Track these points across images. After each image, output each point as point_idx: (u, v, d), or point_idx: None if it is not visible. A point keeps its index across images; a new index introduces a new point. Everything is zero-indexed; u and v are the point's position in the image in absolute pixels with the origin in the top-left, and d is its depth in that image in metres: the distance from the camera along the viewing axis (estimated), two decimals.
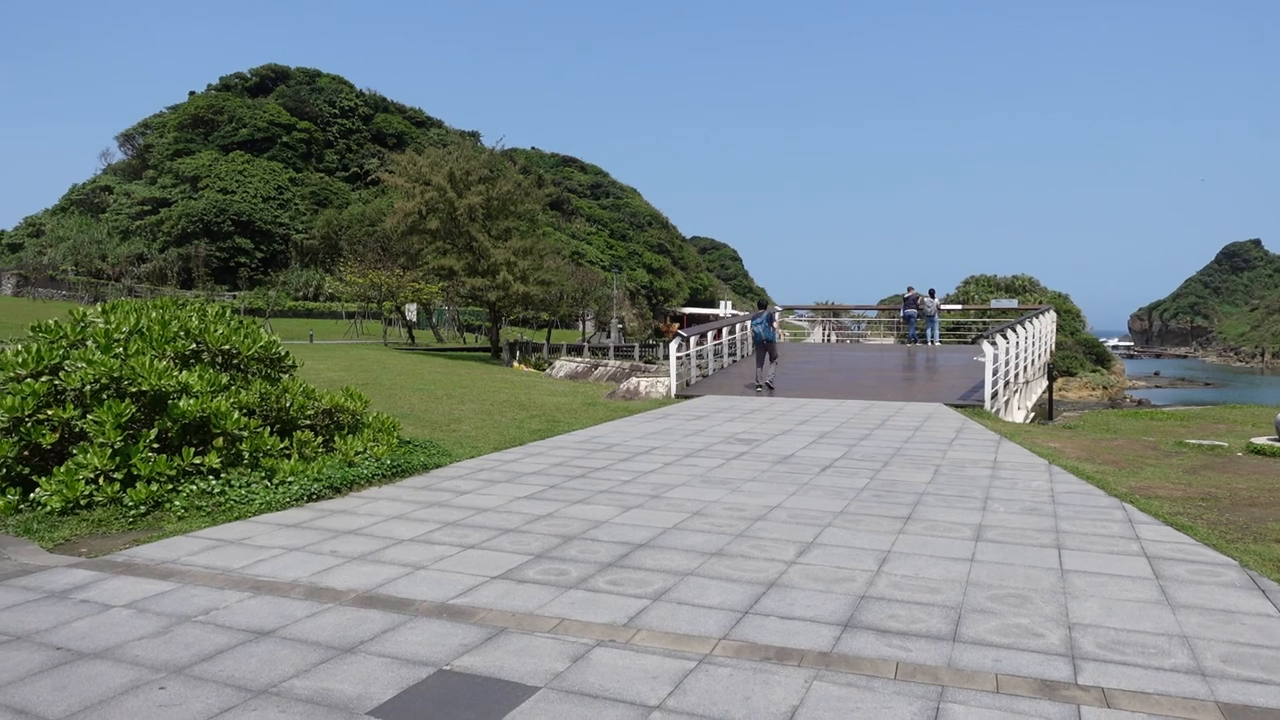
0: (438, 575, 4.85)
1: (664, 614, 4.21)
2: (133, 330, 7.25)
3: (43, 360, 6.72)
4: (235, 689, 3.39)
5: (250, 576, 4.84)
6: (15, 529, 5.83)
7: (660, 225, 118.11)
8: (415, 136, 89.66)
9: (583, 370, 23.94)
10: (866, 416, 12.43)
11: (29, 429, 6.35)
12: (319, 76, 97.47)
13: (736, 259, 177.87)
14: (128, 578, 4.83)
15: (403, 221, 37.20)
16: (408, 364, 24.52)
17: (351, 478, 7.17)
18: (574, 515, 6.30)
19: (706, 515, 6.29)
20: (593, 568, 4.97)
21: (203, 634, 3.98)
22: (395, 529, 5.89)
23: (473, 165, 37.12)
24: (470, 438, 10.12)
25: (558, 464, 8.45)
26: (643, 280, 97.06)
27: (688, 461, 8.60)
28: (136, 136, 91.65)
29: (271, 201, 78.46)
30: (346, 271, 47.29)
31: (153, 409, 6.73)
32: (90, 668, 3.59)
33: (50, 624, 4.10)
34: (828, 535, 5.71)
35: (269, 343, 8.06)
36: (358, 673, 3.53)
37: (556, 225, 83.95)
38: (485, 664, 3.61)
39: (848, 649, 3.76)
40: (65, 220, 79.53)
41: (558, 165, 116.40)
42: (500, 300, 37.57)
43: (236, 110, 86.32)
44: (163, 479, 6.36)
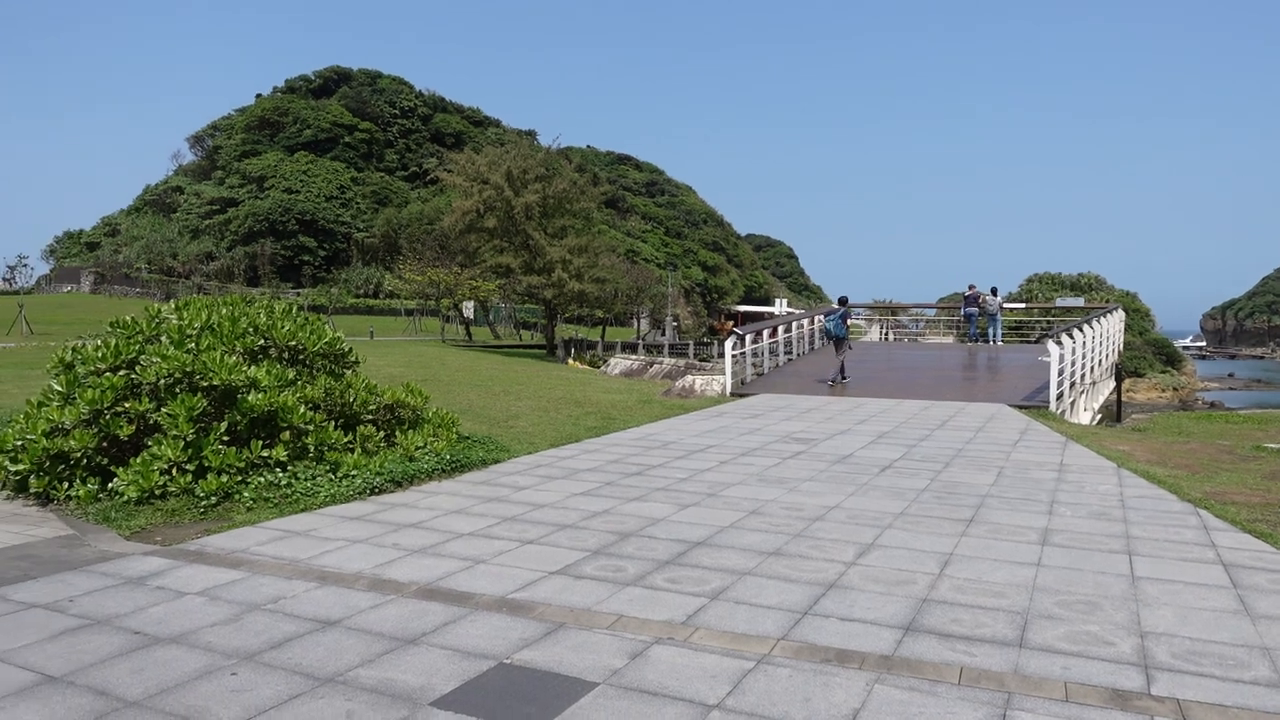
0: (497, 570, 4.91)
1: (722, 613, 4.20)
2: (204, 326, 7.48)
3: (120, 355, 6.97)
4: (303, 676, 3.47)
5: (316, 567, 4.96)
6: (95, 517, 6.06)
7: (715, 223, 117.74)
8: (473, 136, 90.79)
9: (638, 368, 23.98)
10: (926, 417, 12.22)
11: (108, 421, 6.60)
12: (380, 78, 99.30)
13: (792, 257, 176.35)
14: (200, 566, 4.98)
15: (461, 220, 37.69)
16: (465, 360, 24.85)
17: (412, 472, 7.29)
18: (630, 512, 6.31)
19: (763, 514, 6.25)
20: (650, 565, 4.98)
21: (271, 622, 4.08)
22: (455, 523, 5.98)
23: (529, 164, 37.43)
24: (527, 434, 10.21)
25: (613, 461, 8.48)
26: (697, 278, 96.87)
27: (744, 460, 8.55)
28: (206, 138, 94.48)
29: (334, 201, 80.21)
30: (406, 269, 48.12)
31: (223, 403, 6.93)
32: (166, 652, 3.72)
33: (128, 609, 4.25)
34: (888, 537, 5.63)
35: (333, 339, 8.24)
36: (420, 664, 3.59)
37: (611, 223, 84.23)
38: (544, 658, 3.64)
39: (910, 652, 3.71)
40: (139, 220, 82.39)
41: (613, 163, 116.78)
42: (556, 298, 37.83)
43: (301, 112, 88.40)
44: (232, 471, 6.55)
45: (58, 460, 6.59)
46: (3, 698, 3.26)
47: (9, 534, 5.68)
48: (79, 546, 5.41)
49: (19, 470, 6.58)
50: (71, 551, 5.30)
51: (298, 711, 3.16)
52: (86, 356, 7.04)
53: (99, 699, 3.26)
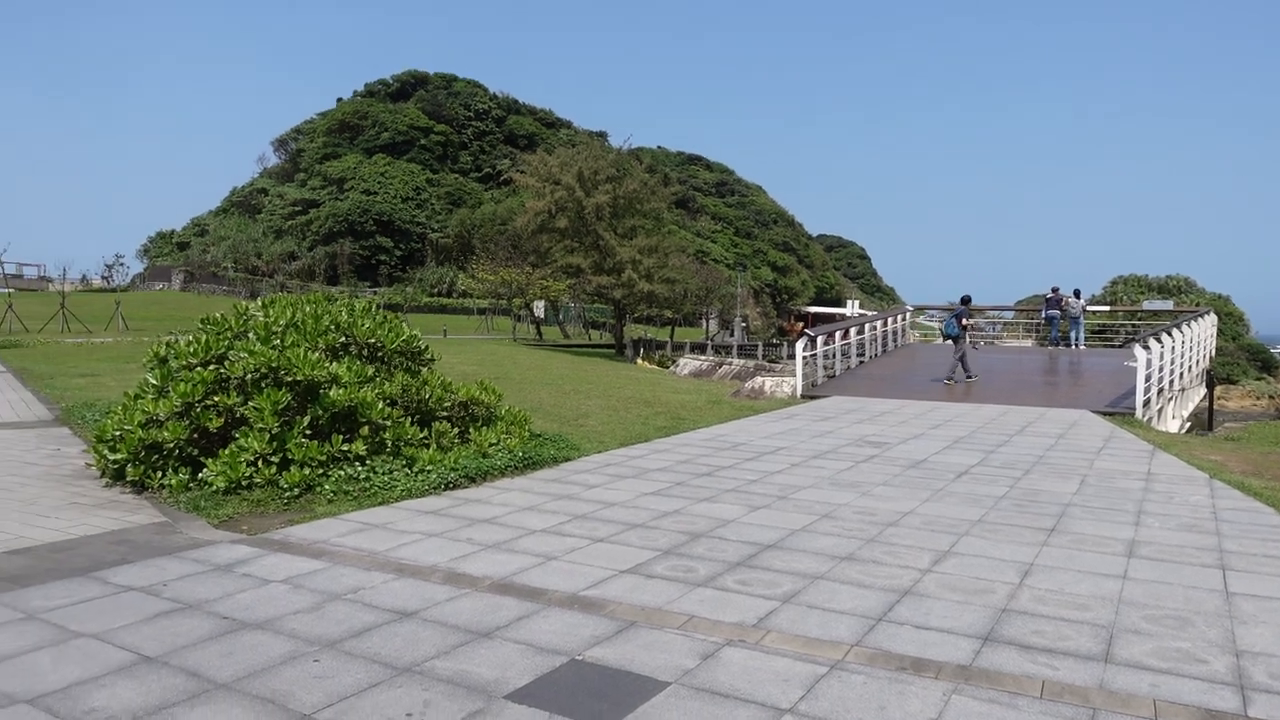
0: (568, 566, 4.96)
1: (794, 617, 4.16)
2: (289, 324, 7.73)
3: (210, 350, 7.25)
4: (382, 665, 3.56)
5: (394, 559, 5.08)
6: (186, 505, 6.32)
7: (786, 223, 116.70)
8: (545, 137, 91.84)
9: (707, 368, 23.91)
10: (1004, 422, 11.90)
11: (198, 413, 6.87)
12: (455, 81, 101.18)
13: (864, 257, 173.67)
14: (284, 555, 5.15)
15: (533, 220, 38.16)
16: (536, 359, 25.15)
17: (485, 468, 7.41)
18: (701, 513, 6.30)
19: (836, 518, 6.17)
20: (721, 566, 4.97)
21: (351, 612, 4.20)
22: (527, 520, 6.05)
23: (601, 165, 37.68)
24: (597, 433, 10.28)
25: (683, 461, 8.48)
26: (767, 279, 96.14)
27: (815, 463, 8.46)
28: (289, 141, 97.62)
29: (410, 202, 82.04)
30: (478, 269, 48.95)
31: (305, 398, 7.15)
32: (253, 637, 3.86)
33: (217, 595, 4.42)
34: (964, 544, 5.50)
35: (410, 337, 8.43)
36: (494, 657, 3.65)
37: (681, 224, 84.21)
38: (616, 656, 3.66)
39: (988, 663, 3.62)
40: (226, 220, 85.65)
41: (683, 163, 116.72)
42: (625, 298, 38.01)
43: (379, 115, 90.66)
44: (314, 464, 6.76)
45: (152, 450, 6.89)
46: (104, 675, 3.42)
47: (108, 519, 5.97)
48: (171, 533, 5.65)
49: (117, 459, 6.91)
50: (164, 538, 5.54)
51: (377, 699, 3.24)
52: (179, 351, 7.35)
53: (191, 680, 3.40)
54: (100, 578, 4.67)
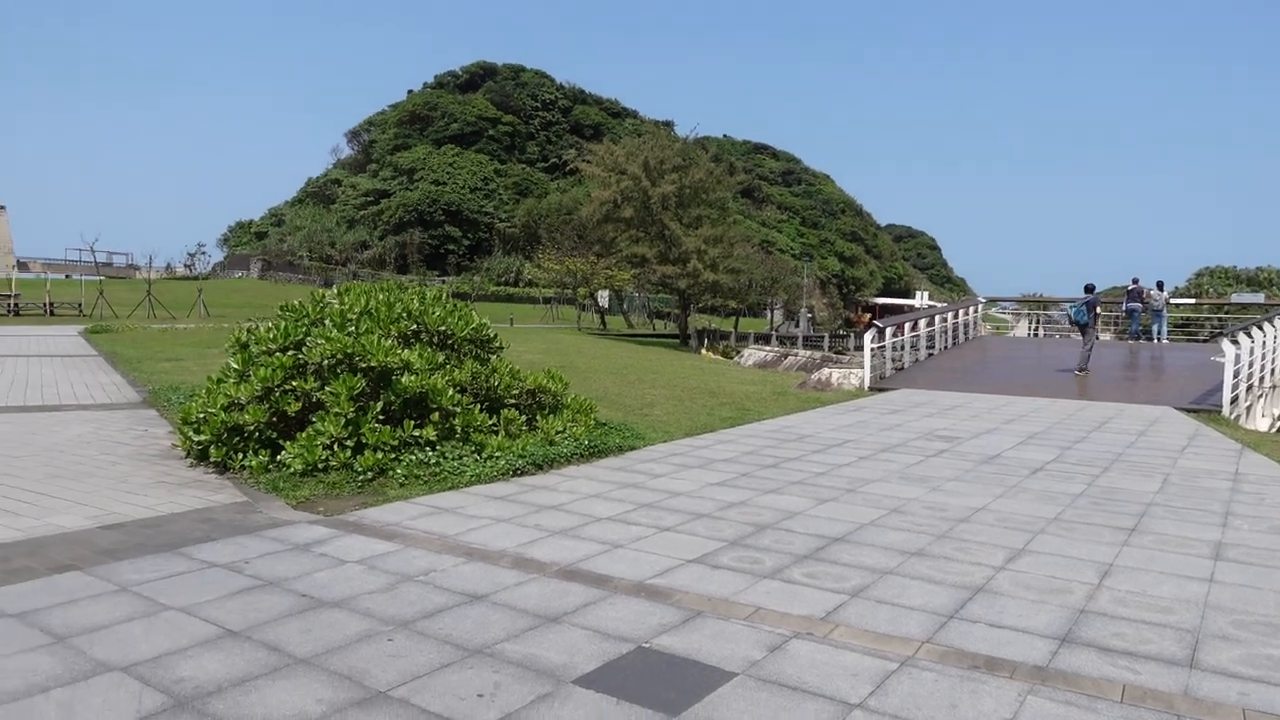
0: (634, 554, 4.98)
1: (862, 611, 4.11)
2: (363, 311, 7.91)
3: (289, 336, 7.47)
4: (453, 647, 3.63)
5: (463, 543, 5.17)
6: (265, 486, 6.53)
7: (854, 212, 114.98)
8: (611, 127, 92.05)
9: (772, 359, 23.73)
10: (1082, 417, 11.54)
11: (277, 397, 7.09)
12: (523, 71, 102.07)
13: (934, 248, 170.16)
14: (358, 536, 5.29)
15: (598, 210, 38.35)
16: (601, 348, 25.30)
17: (552, 456, 7.49)
18: (767, 505, 6.27)
19: (905, 513, 6.07)
20: (787, 558, 4.93)
21: (423, 593, 4.29)
22: (593, 507, 6.10)
23: (666, 154, 37.65)
24: (662, 422, 10.30)
25: (749, 452, 8.44)
26: (834, 269, 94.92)
27: (884, 456, 8.33)
28: (362, 133, 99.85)
29: (478, 192, 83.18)
30: (544, 258, 49.43)
31: (379, 383, 7.32)
32: (330, 615, 3.97)
33: (296, 573, 4.57)
34: (1040, 542, 5.36)
35: (479, 325, 8.56)
36: (562, 642, 3.69)
37: (747, 213, 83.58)
38: (683, 645, 3.67)
39: (1066, 665, 3.52)
40: (301, 211, 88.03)
41: (749, 153, 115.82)
42: (690, 288, 37.96)
43: (448, 106, 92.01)
44: (386, 448, 6.91)
45: (234, 432, 7.14)
46: (191, 647, 3.57)
47: (193, 498, 6.21)
48: (252, 513, 5.85)
49: (201, 440, 7.18)
50: (245, 517, 5.73)
51: (449, 679, 3.31)
52: (259, 337, 7.59)
53: (272, 654, 3.52)
54: (186, 553, 4.86)
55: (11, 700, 3.07)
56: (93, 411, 10.63)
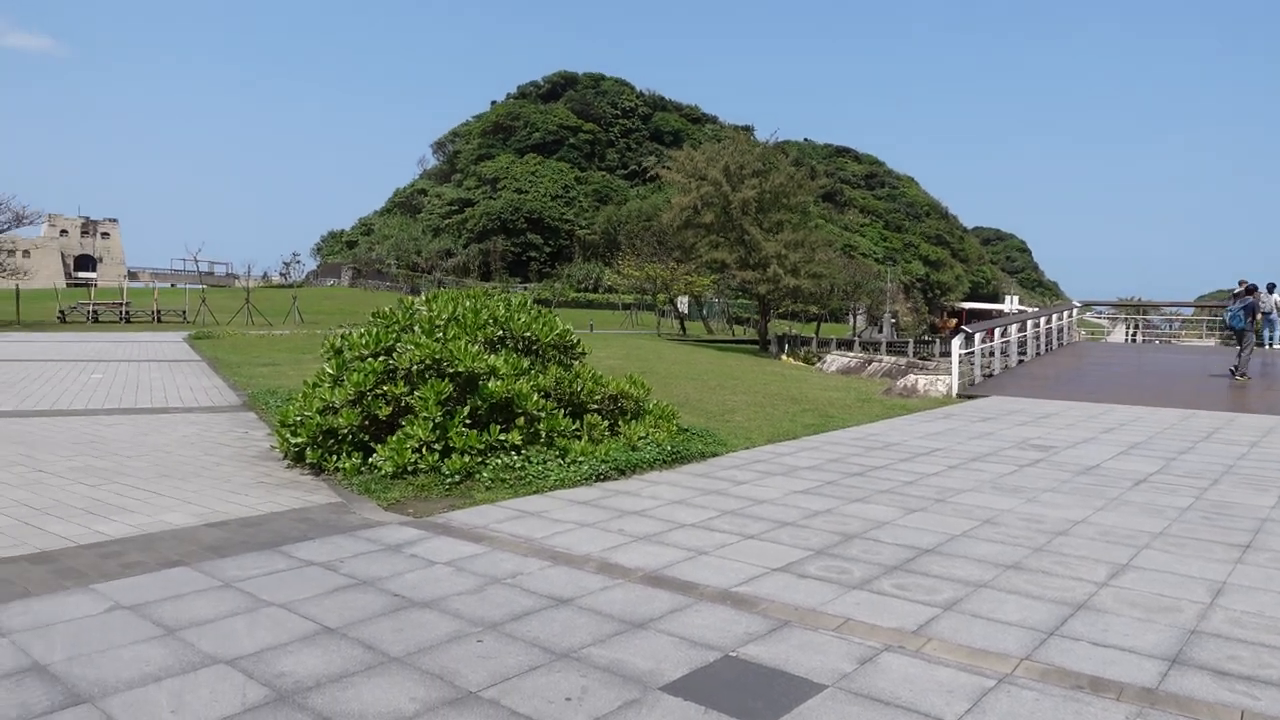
0: (719, 562, 4.95)
1: (956, 625, 3.99)
2: (450, 318, 8.08)
3: (380, 342, 7.69)
4: (541, 649, 3.66)
5: (548, 547, 5.22)
6: (358, 488, 6.73)
7: (939, 215, 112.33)
8: (691, 133, 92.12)
9: (855, 365, 23.33)
10: (1187, 427, 10.99)
11: (369, 402, 7.30)
12: (603, 80, 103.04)
13: (1024, 250, 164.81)
14: (446, 538, 5.39)
15: (678, 216, 38.39)
16: (680, 354, 25.29)
17: (635, 461, 7.51)
18: (853, 514, 6.15)
19: (998, 524, 5.87)
20: (876, 569, 4.83)
21: (510, 595, 4.35)
22: (677, 513, 6.09)
23: (747, 159, 37.45)
24: (744, 428, 10.22)
25: (833, 460, 8.30)
26: (918, 273, 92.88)
27: (974, 466, 8.09)
28: (447, 144, 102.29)
29: (559, 199, 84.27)
30: (624, 264, 49.70)
31: (466, 388, 7.46)
32: (421, 615, 4.06)
33: (388, 573, 4.68)
34: (1145, 558, 5.11)
35: (563, 331, 8.64)
36: (648, 648, 3.69)
37: (828, 217, 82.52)
38: (770, 655, 3.62)
39: (1177, 688, 3.34)
40: (389, 220, 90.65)
41: (830, 156, 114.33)
42: (770, 293, 37.64)
43: (530, 116, 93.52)
44: (473, 452, 7.04)
45: (328, 435, 7.37)
46: (291, 643, 3.69)
47: (290, 498, 6.44)
48: (345, 513, 6.03)
49: (298, 442, 7.43)
50: (340, 517, 5.91)
51: (537, 682, 3.34)
52: (352, 343, 7.83)
53: (368, 652, 3.61)
54: (285, 552, 5.04)
55: (128, 689, 3.23)
56: (197, 414, 11.13)
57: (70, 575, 4.54)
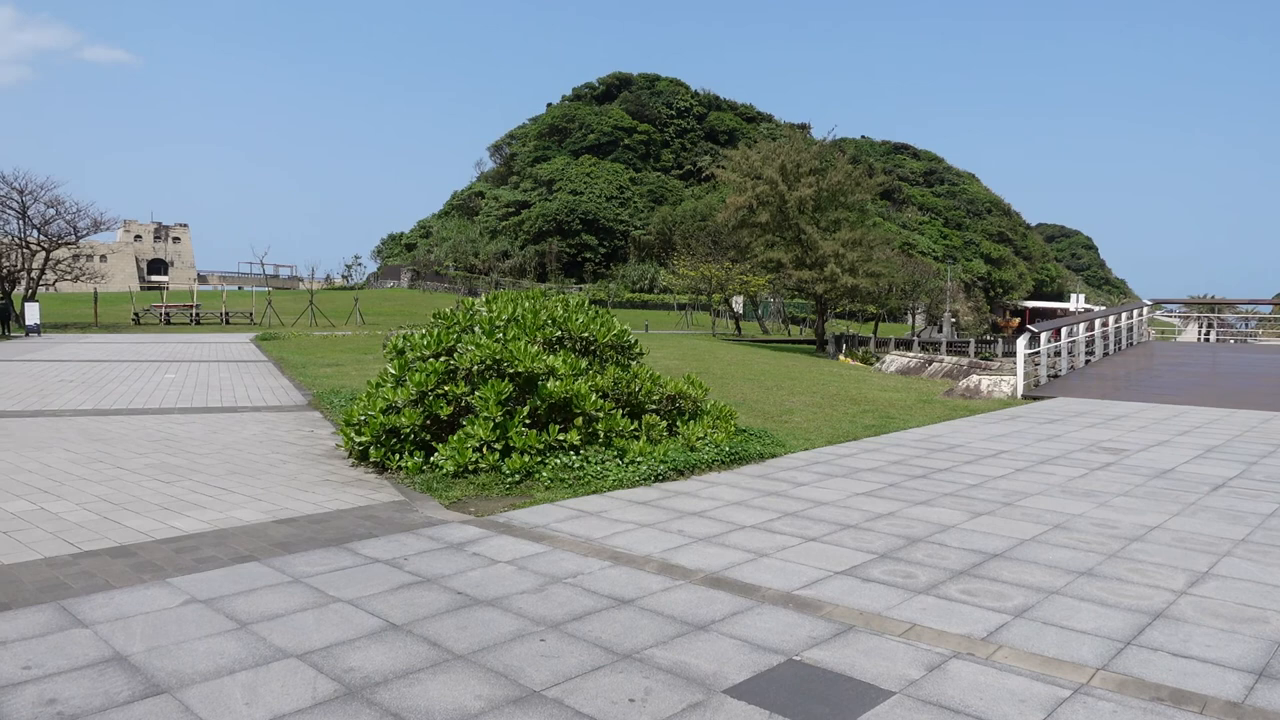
0: (780, 564, 4.90)
1: (1027, 632, 3.88)
2: (510, 318, 8.16)
3: (441, 343, 7.79)
4: (603, 650, 3.66)
5: (608, 547, 5.23)
6: (420, 486, 6.83)
7: (1001, 212, 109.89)
8: (746, 132, 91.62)
9: (915, 366, 22.92)
10: (1267, 430, 10.56)
11: (431, 401, 7.40)
12: (658, 80, 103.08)
13: (1090, 247, 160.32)
14: (507, 537, 5.44)
15: (733, 215, 38.20)
16: (736, 354, 25.16)
17: (693, 462, 7.48)
18: (917, 517, 6.03)
19: (1069, 529, 5.70)
20: (942, 574, 4.73)
21: (572, 595, 4.36)
22: (736, 515, 6.04)
23: (803, 157, 37.10)
24: (803, 429, 10.11)
25: (895, 462, 8.16)
26: (979, 271, 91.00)
27: (1043, 469, 7.88)
28: (503, 146, 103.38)
29: (614, 200, 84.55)
30: (679, 265, 49.64)
31: (525, 389, 7.52)
32: (484, 613, 4.09)
33: (451, 571, 4.73)
34: (1226, 566, 4.91)
35: (621, 331, 8.65)
36: (711, 651, 3.66)
37: (886, 215, 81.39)
38: (835, 659, 3.57)
39: (1266, 702, 3.20)
40: (447, 222, 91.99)
41: (888, 153, 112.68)
42: (827, 292, 37.23)
43: (586, 118, 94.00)
44: (532, 452, 7.09)
45: (391, 434, 7.50)
46: (358, 638, 3.75)
47: (355, 496, 6.56)
48: (408, 512, 6.12)
49: (362, 441, 7.57)
50: (403, 515, 6.00)
51: (600, 682, 3.34)
52: (414, 344, 7.95)
53: (433, 649, 3.65)
54: (351, 549, 5.13)
55: (204, 680, 3.32)
56: (264, 413, 11.43)
57: (147, 569, 4.69)
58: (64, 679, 3.30)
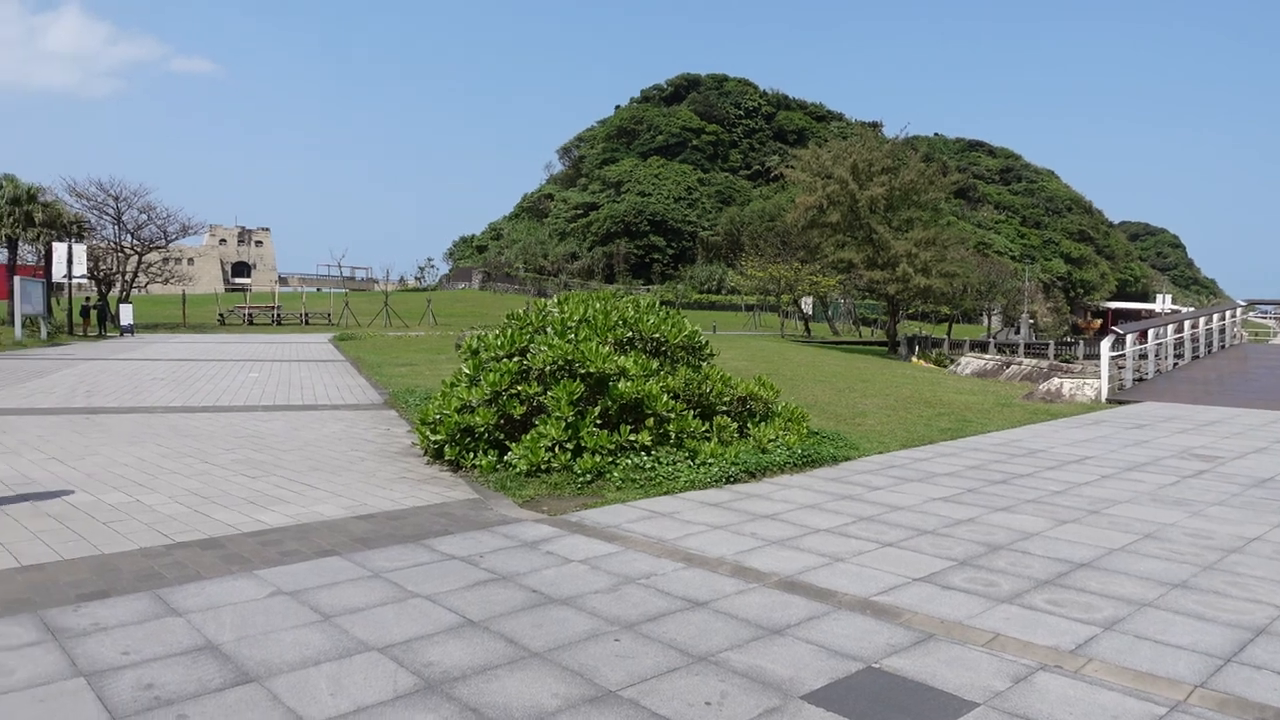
0: (856, 569, 4.81)
1: (1118, 646, 3.73)
2: (581, 319, 8.20)
3: (514, 343, 7.88)
4: (678, 652, 3.65)
5: (681, 548, 5.21)
6: (494, 484, 6.91)
7: (1082, 210, 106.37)
8: (815, 131, 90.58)
9: (992, 368, 22.32)
10: None
11: (504, 401, 7.49)
12: (726, 80, 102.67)
13: (1177, 245, 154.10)
14: (580, 537, 5.47)
15: (802, 215, 37.82)
16: (806, 356, 24.88)
17: (765, 464, 7.42)
18: (998, 523, 5.87)
19: (1161, 539, 5.47)
20: (1026, 583, 4.58)
21: (645, 596, 4.36)
22: (809, 518, 5.97)
23: (875, 156, 36.53)
24: (876, 432, 9.94)
25: (973, 466, 7.96)
26: (1058, 271, 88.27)
27: (1130, 476, 7.58)
28: (572, 149, 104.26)
29: (681, 201, 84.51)
30: (747, 265, 49.33)
31: (596, 389, 7.55)
32: (558, 612, 4.12)
33: (525, 569, 4.78)
34: None
35: (691, 332, 8.63)
36: (787, 655, 3.61)
37: (960, 214, 79.58)
38: (916, 668, 3.49)
39: None
40: (517, 225, 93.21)
41: (963, 150, 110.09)
42: (899, 293, 36.57)
43: (654, 119, 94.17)
44: (604, 452, 7.12)
45: (465, 433, 7.61)
46: (437, 633, 3.82)
47: (431, 494, 6.68)
48: (483, 509, 6.20)
49: (437, 440, 7.71)
50: (478, 513, 6.09)
51: (676, 685, 3.33)
52: (488, 344, 8.05)
53: (509, 646, 3.69)
54: (428, 545, 5.23)
55: (290, 670, 3.41)
56: (343, 411, 11.73)
57: (236, 561, 4.85)
58: (160, 665, 3.43)
